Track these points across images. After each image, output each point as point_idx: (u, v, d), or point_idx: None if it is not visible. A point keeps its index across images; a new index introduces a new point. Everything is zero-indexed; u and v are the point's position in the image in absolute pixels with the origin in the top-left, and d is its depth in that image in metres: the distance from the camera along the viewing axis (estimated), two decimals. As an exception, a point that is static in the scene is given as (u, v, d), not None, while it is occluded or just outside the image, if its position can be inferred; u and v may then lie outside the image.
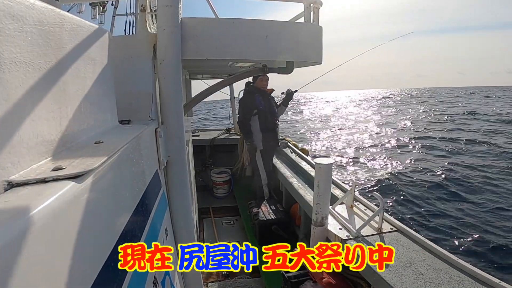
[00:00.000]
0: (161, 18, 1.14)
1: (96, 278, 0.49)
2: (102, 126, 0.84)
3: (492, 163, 8.78)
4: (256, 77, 3.44)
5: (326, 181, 1.75)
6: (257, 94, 3.41)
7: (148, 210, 0.88)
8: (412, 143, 12.28)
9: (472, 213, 5.67)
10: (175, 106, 1.19)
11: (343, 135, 15.59)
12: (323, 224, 1.80)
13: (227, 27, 1.28)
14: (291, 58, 1.48)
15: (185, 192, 1.27)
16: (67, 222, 0.44)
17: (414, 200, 6.43)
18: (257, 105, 3.38)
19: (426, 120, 19.41)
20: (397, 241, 1.64)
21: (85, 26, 0.75)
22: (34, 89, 0.51)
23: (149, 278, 0.76)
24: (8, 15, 0.45)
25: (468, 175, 8.02)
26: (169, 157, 1.19)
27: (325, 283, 1.64)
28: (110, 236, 0.59)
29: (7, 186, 0.43)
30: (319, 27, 1.57)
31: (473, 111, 21.77)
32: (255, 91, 3.44)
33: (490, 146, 10.78)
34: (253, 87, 3.48)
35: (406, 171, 8.62)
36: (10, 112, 0.45)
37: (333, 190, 2.39)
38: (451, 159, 9.68)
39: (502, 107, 24.92)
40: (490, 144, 11.01)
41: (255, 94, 3.41)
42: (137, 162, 0.84)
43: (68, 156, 0.57)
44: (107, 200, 0.60)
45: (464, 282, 1.30)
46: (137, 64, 1.22)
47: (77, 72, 0.70)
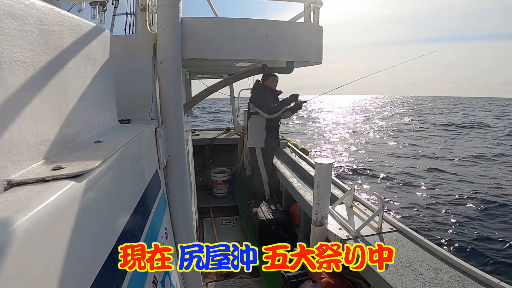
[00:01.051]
0: (161, 18, 1.14)
1: (96, 278, 0.49)
2: (102, 125, 0.84)
3: (491, 165, 8.78)
4: (267, 77, 3.40)
5: (326, 181, 1.75)
6: (268, 92, 3.40)
7: (148, 210, 0.88)
8: (408, 144, 12.30)
9: (473, 212, 5.67)
10: (175, 105, 1.18)
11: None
12: (323, 224, 1.80)
13: (227, 26, 1.28)
14: (291, 58, 1.48)
15: (185, 192, 1.27)
16: (67, 221, 0.43)
17: (414, 200, 6.44)
18: (270, 102, 3.34)
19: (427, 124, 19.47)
20: (397, 241, 1.64)
21: (85, 26, 0.75)
22: (34, 88, 0.51)
23: (149, 278, 0.76)
24: (8, 14, 0.45)
25: (469, 174, 8.03)
26: (169, 156, 1.19)
27: (325, 283, 1.64)
28: (110, 236, 0.59)
29: (7, 186, 0.43)
30: (319, 27, 1.56)
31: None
32: (266, 89, 3.41)
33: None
34: (263, 86, 3.44)
35: (406, 171, 8.62)
36: (10, 111, 0.45)
37: (333, 190, 2.39)
38: (451, 159, 9.68)
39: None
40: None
41: (267, 92, 3.39)
42: (137, 162, 0.84)
43: (68, 156, 0.57)
44: (107, 199, 0.60)
45: (464, 282, 1.30)
46: (137, 63, 1.22)
47: (77, 72, 0.70)
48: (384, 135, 16.09)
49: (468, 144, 12.91)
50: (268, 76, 3.39)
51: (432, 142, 13.62)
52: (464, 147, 12.28)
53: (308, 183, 2.79)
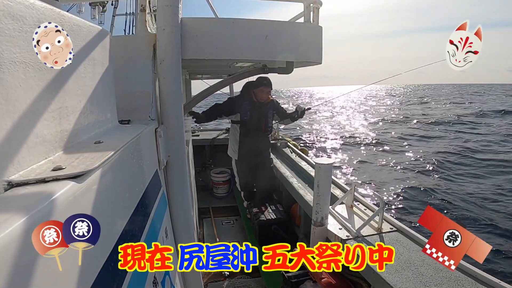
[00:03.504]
0: (161, 18, 1.14)
1: (96, 278, 0.49)
2: (102, 126, 0.84)
3: (492, 167, 8.79)
4: (257, 84, 2.88)
5: (326, 181, 1.75)
6: (246, 101, 2.92)
7: (148, 210, 0.88)
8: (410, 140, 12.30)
9: (472, 212, 5.67)
10: (175, 106, 1.19)
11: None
12: (323, 224, 1.80)
13: (227, 27, 1.28)
14: (291, 58, 1.48)
15: (185, 192, 1.27)
16: (67, 222, 0.43)
17: (415, 199, 6.44)
18: (242, 114, 2.92)
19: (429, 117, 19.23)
20: (397, 241, 1.64)
21: (85, 26, 0.75)
22: (34, 89, 0.51)
23: (149, 278, 0.76)
24: (8, 15, 0.45)
25: (469, 175, 8.03)
26: (169, 157, 1.19)
27: (325, 283, 1.64)
28: (110, 236, 0.59)
29: (7, 186, 0.43)
30: (319, 27, 1.57)
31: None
32: (246, 98, 2.94)
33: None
34: (246, 94, 2.95)
35: (405, 172, 8.62)
36: (10, 112, 0.45)
37: (333, 190, 2.39)
38: (451, 158, 9.67)
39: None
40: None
41: (244, 101, 2.93)
42: (137, 162, 0.84)
43: (68, 156, 0.57)
44: (107, 200, 0.60)
45: (464, 282, 1.30)
46: (137, 64, 1.22)
47: (77, 72, 0.70)
48: (380, 130, 15.88)
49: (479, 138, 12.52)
50: (260, 84, 2.86)
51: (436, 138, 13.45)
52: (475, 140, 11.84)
53: (308, 183, 2.79)
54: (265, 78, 2.84)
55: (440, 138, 13.05)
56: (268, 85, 2.89)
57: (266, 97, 2.94)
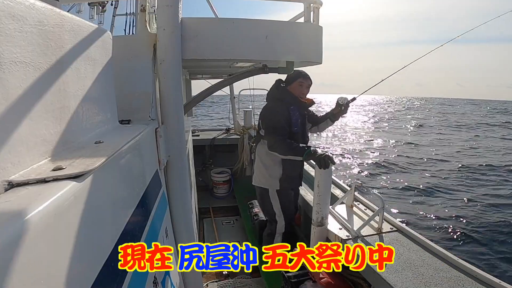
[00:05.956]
0: (161, 18, 1.14)
1: (96, 278, 0.49)
2: (102, 126, 0.84)
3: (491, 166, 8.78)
4: (294, 78, 2.13)
5: (326, 181, 1.75)
6: (289, 103, 2.12)
7: (148, 210, 0.88)
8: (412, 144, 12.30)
9: (472, 212, 5.67)
10: (175, 106, 1.19)
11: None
12: (323, 224, 1.80)
13: (227, 27, 1.28)
14: (291, 58, 1.48)
15: (185, 192, 1.27)
16: (67, 222, 0.44)
17: (415, 199, 6.44)
18: (293, 124, 2.09)
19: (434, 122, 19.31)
20: (397, 241, 1.64)
21: (85, 26, 0.75)
22: (34, 89, 0.51)
23: (149, 278, 0.76)
24: (8, 15, 0.45)
25: (469, 174, 8.02)
26: (169, 157, 1.19)
27: (325, 283, 1.64)
28: (110, 236, 0.59)
29: (7, 186, 0.43)
30: (319, 27, 1.56)
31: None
32: (286, 97, 2.14)
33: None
34: (284, 92, 2.17)
35: (406, 171, 8.62)
36: (10, 112, 0.45)
37: (333, 190, 2.39)
38: (451, 158, 9.67)
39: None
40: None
41: (287, 104, 2.11)
42: (137, 162, 0.84)
43: (68, 156, 0.57)
44: (107, 200, 0.60)
45: (464, 282, 1.30)
46: (137, 64, 1.22)
47: (77, 72, 0.70)
48: (379, 135, 16.02)
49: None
50: (297, 76, 2.12)
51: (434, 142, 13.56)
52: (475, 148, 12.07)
53: (308, 183, 2.79)
54: (300, 70, 2.15)
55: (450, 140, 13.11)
56: (307, 77, 2.17)
57: (306, 94, 2.20)
